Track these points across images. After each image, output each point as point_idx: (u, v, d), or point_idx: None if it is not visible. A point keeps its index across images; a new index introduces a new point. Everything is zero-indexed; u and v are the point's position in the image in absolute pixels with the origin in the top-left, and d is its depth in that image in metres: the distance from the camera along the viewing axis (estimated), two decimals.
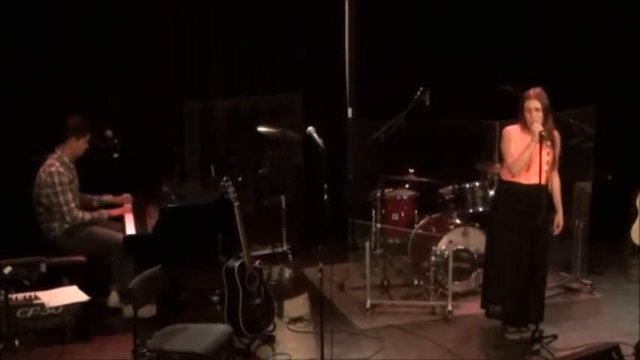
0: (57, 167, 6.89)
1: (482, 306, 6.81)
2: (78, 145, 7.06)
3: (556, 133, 6.42)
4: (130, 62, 8.00)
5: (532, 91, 6.30)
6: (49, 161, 6.94)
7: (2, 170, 7.43)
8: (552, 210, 6.58)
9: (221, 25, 8.54)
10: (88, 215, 7.02)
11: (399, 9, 8.96)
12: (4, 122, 7.55)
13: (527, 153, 6.25)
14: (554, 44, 8.87)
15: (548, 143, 6.23)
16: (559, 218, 6.60)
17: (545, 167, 6.20)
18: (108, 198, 7.44)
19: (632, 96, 8.85)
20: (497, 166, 7.54)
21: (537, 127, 6.18)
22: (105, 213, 7.21)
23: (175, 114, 8.14)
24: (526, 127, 6.33)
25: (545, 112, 6.26)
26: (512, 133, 6.41)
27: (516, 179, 6.41)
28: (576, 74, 8.67)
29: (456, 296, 7.35)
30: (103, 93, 7.88)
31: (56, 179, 6.84)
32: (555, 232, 6.63)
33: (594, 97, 7.60)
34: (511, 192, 6.48)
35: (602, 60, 8.87)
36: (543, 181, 6.21)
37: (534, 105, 6.24)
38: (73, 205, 6.92)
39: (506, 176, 6.54)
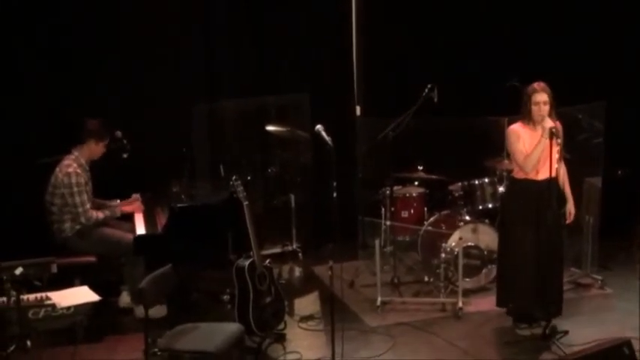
0: (74, 168, 6.92)
1: (500, 304, 6.79)
2: (97, 149, 7.10)
3: (558, 124, 6.39)
4: (138, 63, 8.00)
5: (537, 85, 6.29)
6: (66, 162, 6.97)
7: (12, 172, 7.45)
8: (564, 203, 6.58)
9: (228, 24, 8.55)
10: (101, 214, 7.05)
11: (406, 6, 8.94)
12: (13, 124, 7.58)
13: (539, 150, 6.23)
14: (562, 40, 8.84)
15: (559, 141, 6.21)
16: (570, 207, 6.60)
17: (555, 165, 6.20)
18: (117, 203, 7.44)
19: None
20: (506, 162, 7.52)
21: (548, 122, 6.16)
22: (117, 210, 7.24)
23: (184, 115, 8.15)
24: (530, 121, 6.32)
25: (551, 104, 6.25)
26: (517, 130, 6.39)
27: (529, 176, 6.40)
28: (585, 70, 8.64)
29: (467, 293, 7.34)
30: (112, 94, 7.88)
31: (73, 180, 6.87)
32: (567, 221, 6.62)
33: (603, 93, 7.59)
34: (523, 189, 6.47)
35: (610, 55, 8.84)
36: (553, 176, 6.21)
37: (542, 98, 6.23)
38: (88, 206, 6.95)
39: (518, 174, 6.52)
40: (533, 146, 6.27)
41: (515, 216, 6.56)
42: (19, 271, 5.60)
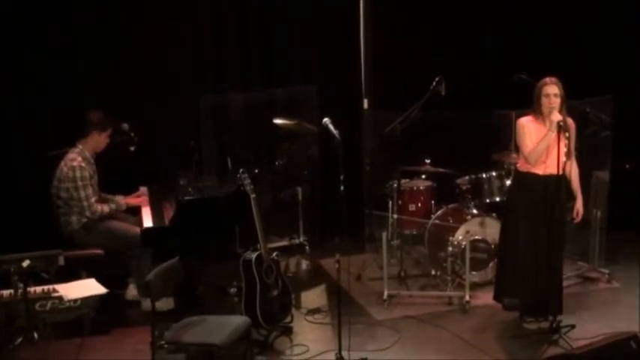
0: (79, 162, 6.92)
1: (496, 298, 6.80)
2: (100, 140, 7.10)
3: (570, 121, 6.40)
4: (146, 56, 8.00)
5: (549, 79, 6.29)
6: (70, 155, 6.97)
7: (20, 165, 7.48)
8: (570, 199, 6.56)
9: (236, 17, 8.54)
10: (106, 208, 7.05)
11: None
12: (21, 118, 7.59)
13: (545, 142, 6.23)
14: (569, 33, 8.81)
15: (567, 135, 6.20)
16: (579, 206, 6.58)
17: (563, 158, 6.19)
18: (120, 198, 7.44)
19: None
20: (514, 155, 7.51)
21: (556, 116, 6.15)
22: (122, 204, 7.24)
23: (192, 108, 8.15)
24: (540, 116, 6.32)
25: (562, 99, 6.24)
26: (526, 124, 6.39)
27: (533, 170, 6.39)
28: (592, 63, 8.61)
29: (474, 286, 7.34)
30: (119, 86, 7.87)
31: (78, 174, 6.88)
32: (575, 220, 6.61)
33: (611, 86, 7.56)
34: (528, 182, 6.46)
35: (618, 48, 8.81)
36: (560, 171, 6.20)
37: (553, 90, 6.23)
38: (93, 199, 6.96)
39: (522, 167, 6.52)
40: (540, 139, 6.27)
41: (516, 209, 6.56)
42: (26, 263, 5.62)
